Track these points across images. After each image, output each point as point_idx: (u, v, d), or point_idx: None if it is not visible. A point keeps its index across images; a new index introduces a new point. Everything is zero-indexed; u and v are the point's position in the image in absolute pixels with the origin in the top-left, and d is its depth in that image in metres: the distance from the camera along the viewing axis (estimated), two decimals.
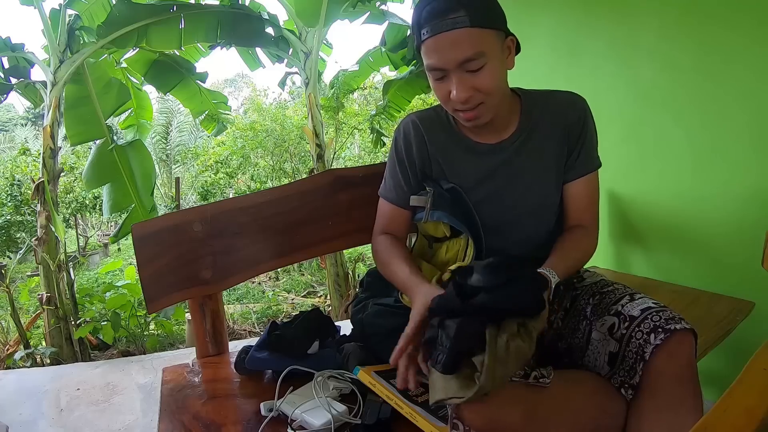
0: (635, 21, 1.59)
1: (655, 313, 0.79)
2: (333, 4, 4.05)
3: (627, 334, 0.79)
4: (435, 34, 0.81)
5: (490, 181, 0.96)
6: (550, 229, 1.00)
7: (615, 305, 0.85)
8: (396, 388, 0.87)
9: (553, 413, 0.73)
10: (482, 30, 0.81)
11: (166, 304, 1.05)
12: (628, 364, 0.78)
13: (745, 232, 1.38)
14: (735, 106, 1.38)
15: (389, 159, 1.05)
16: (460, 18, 0.79)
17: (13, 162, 7.30)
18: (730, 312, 1.28)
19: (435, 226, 0.99)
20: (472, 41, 0.80)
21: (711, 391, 1.43)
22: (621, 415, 0.77)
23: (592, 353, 0.85)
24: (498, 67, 0.84)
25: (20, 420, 2.01)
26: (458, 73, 0.83)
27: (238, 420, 0.90)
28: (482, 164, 0.96)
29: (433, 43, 0.82)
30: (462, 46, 0.80)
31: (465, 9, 0.79)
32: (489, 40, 0.82)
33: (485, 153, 0.96)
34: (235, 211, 1.12)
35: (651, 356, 0.75)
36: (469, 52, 0.80)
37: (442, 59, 0.82)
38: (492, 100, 0.87)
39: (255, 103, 9.24)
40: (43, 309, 3.68)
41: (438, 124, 1.00)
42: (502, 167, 0.95)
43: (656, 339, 0.75)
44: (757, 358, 0.52)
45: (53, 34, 3.77)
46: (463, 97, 0.84)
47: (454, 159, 0.98)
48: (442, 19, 0.80)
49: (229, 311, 5.07)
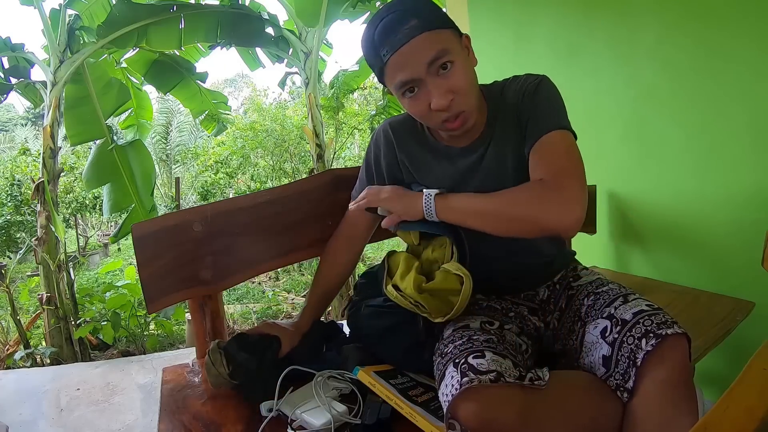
0: (635, 21, 1.59)
1: (647, 317, 0.78)
2: (333, 4, 4.05)
3: (619, 339, 0.78)
4: (396, 50, 0.81)
5: (463, 184, 0.94)
6: None
7: (608, 307, 0.84)
8: (396, 388, 0.87)
9: (549, 414, 0.73)
10: (438, 31, 0.81)
11: (166, 304, 1.05)
12: (622, 368, 0.77)
13: (745, 231, 1.38)
14: (735, 106, 1.38)
15: (362, 163, 1.07)
16: (413, 25, 0.80)
17: (13, 162, 7.29)
18: (730, 312, 1.28)
19: (404, 234, 1.00)
20: (432, 42, 0.80)
21: (711, 391, 1.43)
22: (617, 417, 0.76)
23: (586, 355, 0.85)
24: (466, 64, 0.84)
25: (20, 420, 2.01)
26: (431, 79, 0.82)
27: (238, 420, 0.90)
28: (454, 168, 0.95)
29: (396, 59, 0.81)
30: (424, 49, 0.80)
31: (415, 17, 0.80)
32: (448, 39, 0.82)
33: (457, 156, 0.95)
34: (235, 211, 1.12)
35: (643, 362, 0.74)
36: (432, 51, 0.80)
37: (410, 69, 0.81)
38: (470, 101, 0.85)
39: (255, 103, 9.23)
40: (43, 309, 3.67)
41: (410, 131, 1.00)
42: (475, 168, 0.94)
43: (647, 345, 0.75)
44: (757, 358, 0.52)
45: (53, 34, 3.77)
46: (443, 103, 0.81)
47: (425, 165, 0.98)
48: (397, 33, 0.80)
49: (229, 311, 5.06)
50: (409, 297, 0.89)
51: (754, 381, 0.50)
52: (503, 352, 0.78)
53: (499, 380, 0.71)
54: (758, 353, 0.53)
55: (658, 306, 0.82)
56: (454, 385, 0.73)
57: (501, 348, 0.80)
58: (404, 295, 0.89)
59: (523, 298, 1.02)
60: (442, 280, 0.90)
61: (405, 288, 0.90)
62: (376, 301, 1.02)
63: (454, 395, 0.72)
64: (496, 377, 0.71)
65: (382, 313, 0.99)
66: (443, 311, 0.88)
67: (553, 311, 0.98)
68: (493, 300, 1.01)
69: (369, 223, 1.09)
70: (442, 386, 0.77)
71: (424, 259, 0.98)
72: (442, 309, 0.88)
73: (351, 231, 1.10)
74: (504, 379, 0.71)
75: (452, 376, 0.75)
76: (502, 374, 0.72)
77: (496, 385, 0.71)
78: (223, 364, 0.92)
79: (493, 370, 0.72)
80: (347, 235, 1.10)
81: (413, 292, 0.88)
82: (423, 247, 1.00)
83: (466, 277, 0.87)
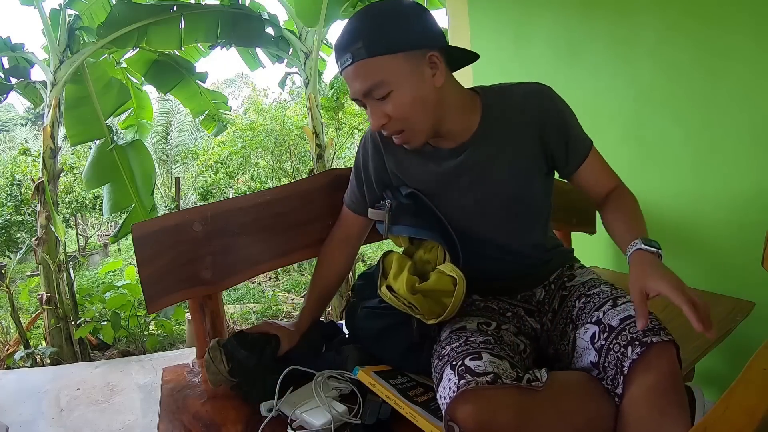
0: (635, 21, 1.59)
1: (634, 324, 0.77)
2: (333, 4, 4.06)
3: (605, 346, 0.78)
4: (342, 70, 0.84)
5: (453, 183, 0.94)
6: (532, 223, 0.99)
7: (597, 311, 0.84)
8: (396, 388, 0.87)
9: (546, 415, 0.73)
10: (381, 58, 0.80)
11: (166, 304, 1.05)
12: (611, 374, 0.77)
13: (745, 232, 1.38)
14: (735, 105, 1.38)
15: (352, 166, 1.08)
16: (356, 50, 0.80)
17: (13, 162, 7.29)
18: (730, 312, 1.28)
19: (395, 237, 1.00)
20: (369, 72, 0.81)
21: (711, 391, 1.43)
22: (614, 417, 0.76)
23: (577, 360, 0.85)
24: (408, 92, 0.82)
25: (20, 420, 2.01)
26: (369, 101, 0.84)
27: (238, 420, 0.90)
28: (443, 169, 0.94)
29: (343, 77, 0.85)
30: (361, 78, 0.81)
31: (362, 40, 0.80)
32: (390, 67, 0.80)
33: (446, 157, 0.94)
34: (235, 211, 1.12)
35: (629, 370, 0.74)
36: (368, 83, 0.81)
37: (351, 91, 0.85)
38: (412, 125, 0.85)
39: (255, 103, 9.23)
40: (43, 309, 3.67)
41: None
42: (465, 168, 0.93)
43: (633, 353, 0.74)
44: (757, 358, 0.52)
45: (53, 34, 3.77)
46: (376, 125, 0.85)
47: (413, 168, 0.97)
48: (343, 54, 0.82)
49: (229, 311, 5.07)
50: (402, 298, 0.89)
51: (754, 381, 0.50)
52: (500, 353, 0.78)
53: (496, 382, 0.71)
54: (758, 353, 0.53)
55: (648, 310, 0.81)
56: (451, 387, 0.73)
57: (498, 349, 0.80)
58: (398, 296, 0.89)
59: (520, 300, 1.02)
60: (436, 281, 0.90)
61: (398, 289, 0.90)
62: (372, 303, 1.02)
63: (451, 397, 0.72)
64: (493, 379, 0.71)
65: (378, 315, 0.99)
66: (436, 312, 0.88)
67: (547, 312, 0.98)
68: (490, 300, 1.01)
69: (363, 225, 1.09)
70: (440, 388, 0.77)
71: (416, 259, 0.98)
72: (434, 310, 0.88)
73: (346, 232, 1.10)
74: (501, 380, 0.71)
75: (449, 378, 0.75)
76: (499, 376, 0.72)
77: (494, 386, 0.70)
78: (223, 362, 0.93)
79: (491, 372, 0.72)
80: (342, 236, 1.11)
81: (406, 292, 0.88)
82: (415, 248, 1.00)
83: (459, 278, 0.87)
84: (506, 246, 0.98)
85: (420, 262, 0.97)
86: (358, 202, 1.06)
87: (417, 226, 0.94)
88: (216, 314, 1.13)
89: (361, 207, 1.06)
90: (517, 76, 1.02)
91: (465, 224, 0.95)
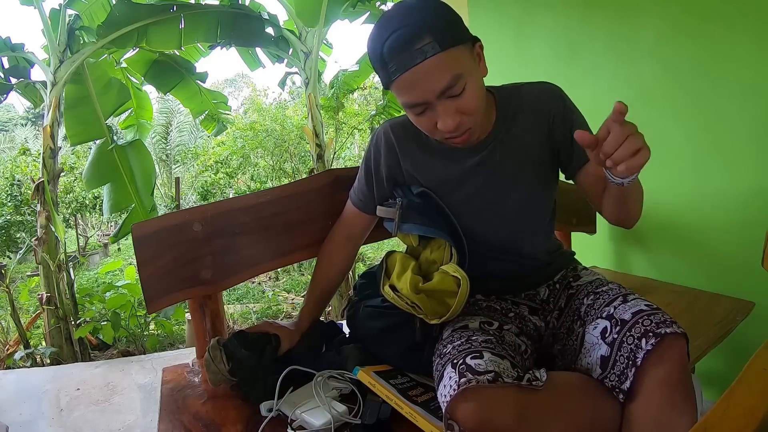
0: (635, 21, 1.59)
1: (646, 317, 0.78)
2: (333, 4, 4.05)
3: (618, 339, 0.78)
4: (406, 70, 0.75)
5: (468, 183, 0.94)
6: (540, 224, 1.00)
7: (608, 307, 0.84)
8: (396, 388, 0.87)
9: (547, 415, 0.73)
10: (454, 50, 0.75)
11: (166, 304, 1.05)
12: (619, 369, 0.77)
13: (745, 232, 1.38)
14: (735, 105, 1.38)
15: (361, 163, 1.06)
16: (427, 46, 0.73)
17: (13, 162, 7.29)
18: (730, 312, 1.28)
19: (404, 236, 1.00)
20: (447, 67, 0.75)
21: (711, 391, 1.43)
22: (615, 417, 0.76)
23: (585, 356, 0.85)
24: (477, 84, 0.80)
25: (20, 420, 2.01)
26: (441, 102, 0.78)
27: (238, 420, 0.90)
28: (458, 168, 0.94)
29: (405, 80, 0.76)
30: (438, 75, 0.75)
31: (430, 34, 0.73)
32: (462, 58, 0.77)
33: (461, 156, 0.94)
34: (235, 211, 1.12)
35: (643, 362, 0.74)
36: (446, 79, 0.75)
37: (421, 94, 0.77)
38: (478, 118, 0.84)
39: (255, 103, 9.24)
40: (43, 309, 3.67)
41: (411, 133, 0.97)
42: (479, 167, 0.93)
43: (647, 344, 0.74)
44: (757, 358, 0.52)
45: (53, 34, 3.77)
46: (452, 126, 0.79)
47: (427, 167, 0.97)
48: (410, 52, 0.74)
49: (229, 311, 5.07)
50: (405, 297, 0.89)
51: (754, 381, 0.50)
52: (502, 352, 0.78)
53: (497, 381, 0.71)
54: (758, 353, 0.53)
55: (657, 306, 0.81)
56: (452, 385, 0.73)
57: (499, 349, 0.80)
58: (401, 295, 0.89)
59: (524, 298, 1.02)
60: (440, 281, 0.90)
61: (401, 288, 0.90)
62: (374, 302, 1.02)
63: (452, 396, 0.72)
64: (494, 378, 0.71)
65: (380, 314, 0.99)
66: (439, 313, 0.88)
67: (553, 310, 0.98)
68: (493, 300, 1.01)
69: (367, 223, 1.09)
70: (441, 387, 0.77)
71: (423, 259, 0.98)
72: (437, 310, 0.88)
73: (348, 230, 1.10)
74: (502, 379, 0.71)
75: (450, 376, 0.75)
76: (500, 375, 0.72)
77: (494, 385, 0.71)
78: (223, 361, 0.93)
79: (491, 371, 0.72)
80: (345, 234, 1.10)
81: (409, 292, 0.88)
82: (422, 248, 1.00)
83: (463, 279, 0.87)
84: (511, 247, 0.98)
85: (426, 262, 0.97)
86: (366, 199, 1.05)
87: (426, 225, 0.94)
88: (216, 314, 1.13)
89: (368, 205, 1.05)
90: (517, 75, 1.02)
91: (473, 224, 0.96)
